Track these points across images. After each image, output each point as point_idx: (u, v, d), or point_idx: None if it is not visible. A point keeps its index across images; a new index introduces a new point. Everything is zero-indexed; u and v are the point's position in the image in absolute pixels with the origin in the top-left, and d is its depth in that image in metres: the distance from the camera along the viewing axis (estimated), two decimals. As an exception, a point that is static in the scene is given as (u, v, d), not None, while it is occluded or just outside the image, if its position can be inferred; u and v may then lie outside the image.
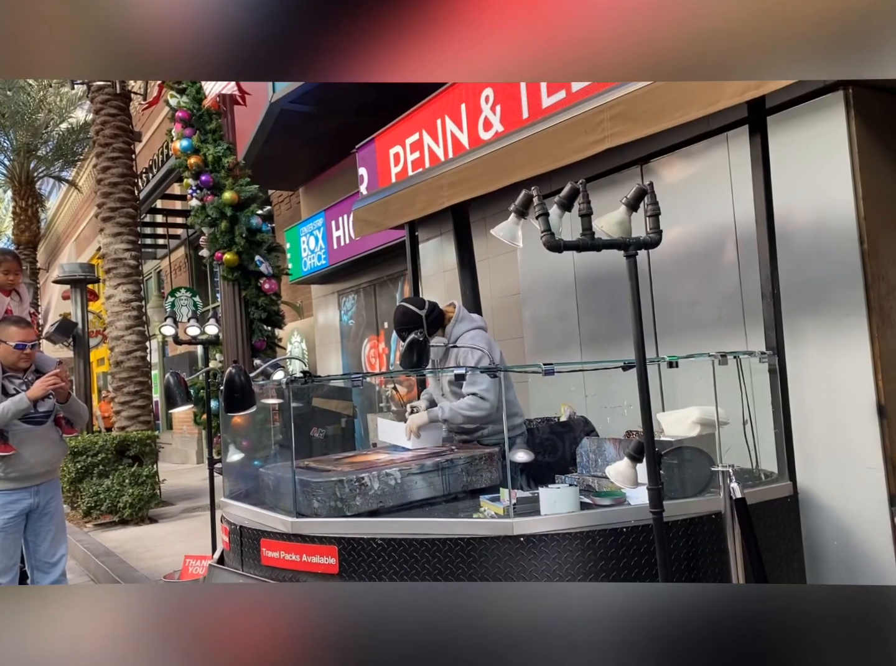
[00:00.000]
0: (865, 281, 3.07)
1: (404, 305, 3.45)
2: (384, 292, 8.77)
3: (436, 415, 3.31)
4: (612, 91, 3.17)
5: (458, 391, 3.38)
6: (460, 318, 3.48)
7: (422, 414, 3.32)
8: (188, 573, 4.04)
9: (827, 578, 3.25)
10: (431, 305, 3.45)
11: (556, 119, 3.45)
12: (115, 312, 8.60)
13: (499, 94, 4.47)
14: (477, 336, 3.41)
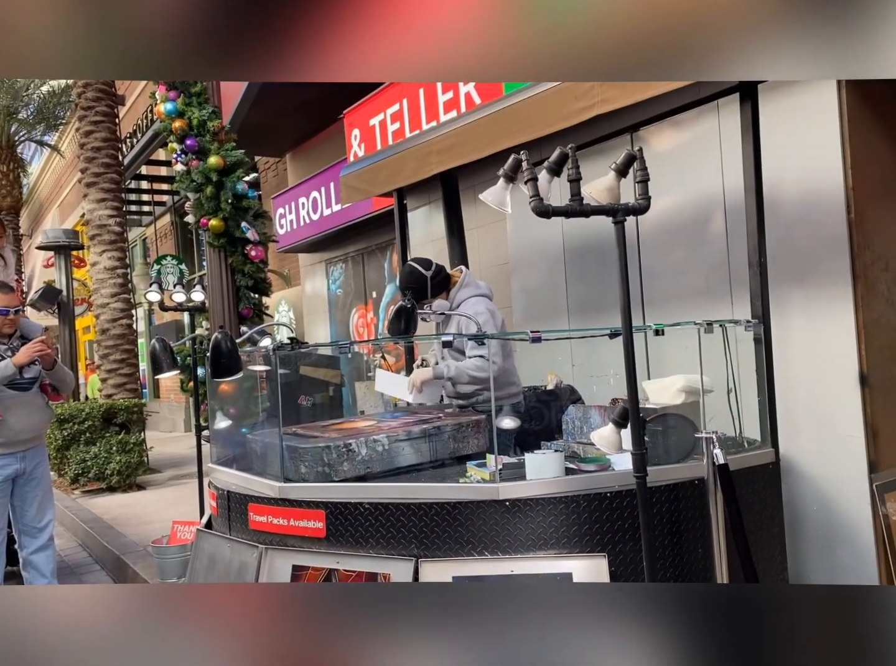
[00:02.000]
0: (851, 250, 3.08)
1: (411, 265, 3.44)
2: (372, 261, 8.73)
3: (441, 372, 3.30)
4: (603, 56, 3.12)
5: (458, 355, 3.38)
6: (465, 284, 3.47)
7: (427, 370, 3.32)
8: (176, 538, 4.06)
9: (806, 542, 3.31)
10: (438, 268, 3.44)
11: (547, 85, 3.41)
12: (100, 280, 8.51)
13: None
14: (479, 303, 3.40)
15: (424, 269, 3.40)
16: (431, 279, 3.38)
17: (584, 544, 2.43)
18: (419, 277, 3.38)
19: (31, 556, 3.85)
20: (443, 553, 2.49)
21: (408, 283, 3.40)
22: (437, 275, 3.42)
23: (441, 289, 3.44)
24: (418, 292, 3.37)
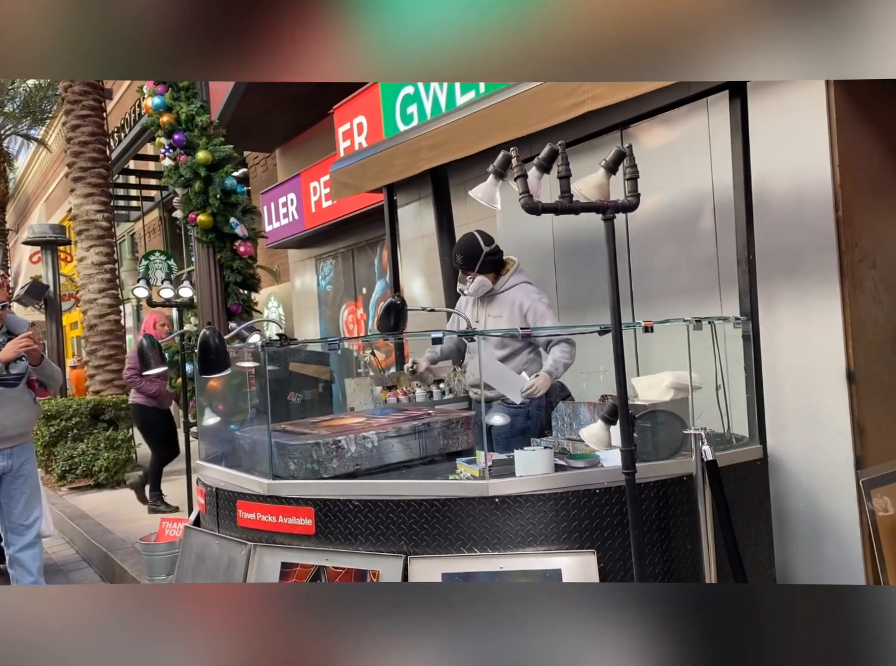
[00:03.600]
0: (839, 248, 3.10)
1: (473, 234, 3.43)
2: (362, 257, 8.71)
3: (554, 373, 3.24)
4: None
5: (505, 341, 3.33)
6: (519, 270, 3.49)
7: (546, 376, 3.20)
8: (164, 536, 4.04)
9: (793, 538, 3.34)
10: (497, 248, 3.44)
11: (537, 81, 3.41)
12: (87, 275, 8.44)
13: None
14: (537, 290, 3.44)
15: (485, 243, 3.39)
16: (486, 255, 3.36)
17: (573, 541, 2.44)
18: (475, 248, 3.36)
19: (17, 553, 3.81)
20: (432, 550, 2.49)
21: (462, 249, 3.40)
22: (494, 254, 3.41)
23: (490, 268, 3.41)
24: (468, 261, 3.36)
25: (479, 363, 3.07)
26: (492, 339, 3.36)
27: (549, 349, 3.33)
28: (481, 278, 3.40)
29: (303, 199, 8.35)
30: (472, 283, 3.41)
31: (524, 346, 3.39)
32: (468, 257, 3.38)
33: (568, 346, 3.27)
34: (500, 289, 3.45)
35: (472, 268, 3.39)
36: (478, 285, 3.40)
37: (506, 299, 3.42)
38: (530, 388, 3.12)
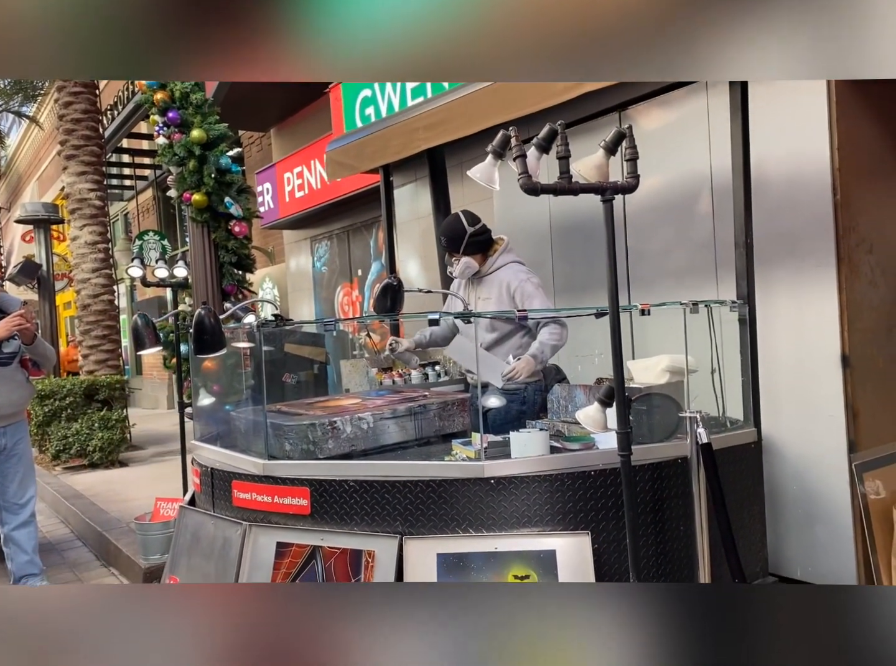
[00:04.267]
0: (836, 232, 3.09)
1: (458, 214, 3.36)
2: (358, 239, 8.67)
3: (538, 357, 3.15)
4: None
5: (495, 324, 3.26)
6: (508, 250, 3.39)
7: (529, 360, 3.12)
8: (159, 515, 4.05)
9: (785, 520, 3.36)
10: (483, 228, 3.33)
11: (536, 61, 3.38)
12: (80, 255, 8.39)
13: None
14: (526, 269, 3.35)
15: (468, 223, 3.29)
16: (471, 236, 3.26)
17: (567, 522, 2.45)
18: (459, 229, 3.27)
19: (12, 532, 3.82)
20: (427, 530, 2.50)
21: (445, 232, 3.32)
22: (479, 234, 3.30)
23: (477, 250, 3.31)
24: (452, 242, 3.28)
25: (469, 347, 3.05)
26: (482, 322, 3.28)
27: (538, 331, 3.26)
28: (466, 260, 3.32)
29: (298, 179, 8.29)
30: (458, 266, 3.33)
31: (515, 329, 3.31)
32: (452, 239, 3.30)
33: (557, 327, 3.19)
34: (489, 270, 3.37)
35: (456, 249, 3.31)
36: (463, 267, 3.33)
37: (494, 281, 3.34)
38: (511, 371, 3.06)
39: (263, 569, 2.63)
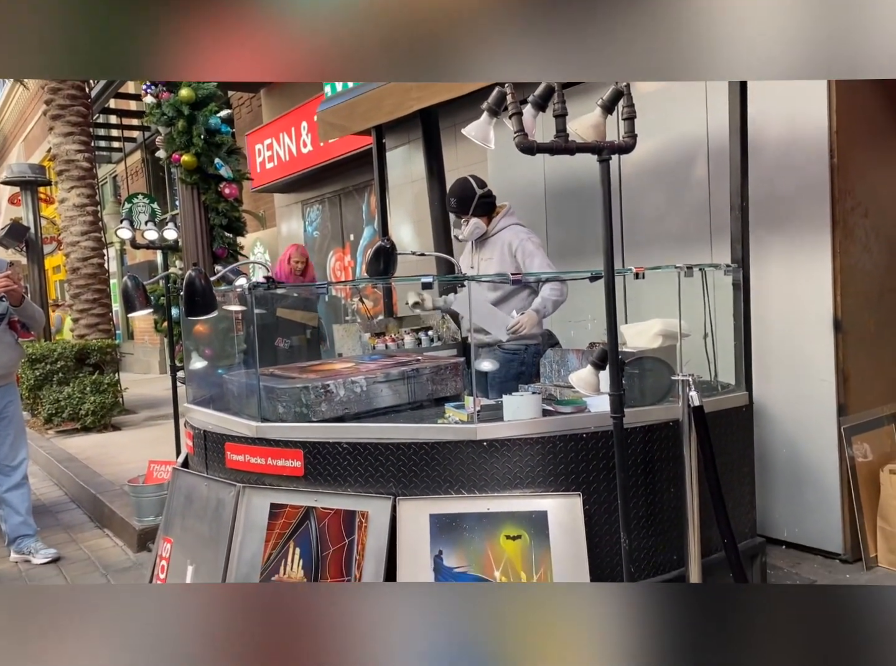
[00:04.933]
0: (832, 195, 3.07)
1: (466, 178, 3.47)
2: (350, 203, 8.58)
3: (541, 310, 3.26)
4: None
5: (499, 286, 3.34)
6: (510, 213, 3.49)
7: (532, 313, 3.22)
8: (152, 478, 4.06)
9: (774, 482, 3.40)
10: (489, 191, 3.45)
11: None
12: (69, 217, 8.27)
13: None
14: (527, 230, 3.44)
15: (478, 185, 3.42)
16: (480, 197, 3.38)
17: (559, 483, 2.47)
18: (469, 190, 3.39)
19: (5, 494, 3.83)
20: (420, 491, 2.51)
21: (457, 192, 3.42)
22: (487, 197, 3.43)
23: (483, 211, 3.43)
24: (462, 204, 3.39)
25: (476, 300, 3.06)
26: (484, 284, 3.36)
27: (540, 287, 3.34)
28: (475, 221, 3.42)
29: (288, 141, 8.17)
30: (467, 227, 3.43)
31: (518, 288, 3.40)
32: (462, 200, 3.39)
33: (558, 283, 3.29)
34: (492, 232, 3.46)
35: (466, 211, 3.41)
36: (472, 228, 3.42)
37: (496, 242, 3.43)
38: (516, 324, 3.14)
39: (257, 530, 2.65)
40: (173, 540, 2.95)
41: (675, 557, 2.59)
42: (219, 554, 2.66)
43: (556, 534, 2.38)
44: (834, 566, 3.24)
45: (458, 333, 4.28)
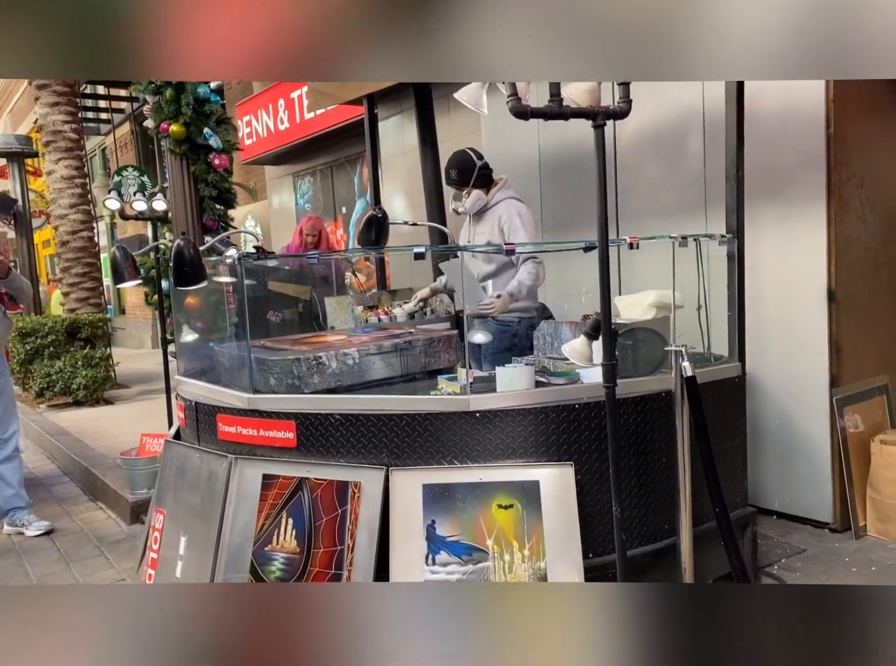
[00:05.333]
0: (828, 165, 3.05)
1: (466, 150, 3.47)
2: (342, 175, 8.50)
3: (514, 294, 3.26)
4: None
5: (491, 256, 3.34)
6: (506, 186, 3.48)
7: (506, 297, 3.25)
8: (145, 451, 4.06)
9: (766, 453, 3.42)
10: (487, 164, 3.45)
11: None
12: (57, 190, 8.17)
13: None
14: (520, 205, 3.41)
15: (477, 157, 3.42)
16: (479, 169, 3.38)
17: (551, 454, 2.47)
18: (469, 162, 3.39)
19: (-3, 467, 3.82)
20: (413, 462, 2.51)
21: (456, 164, 3.41)
22: (485, 168, 3.43)
23: (482, 184, 3.43)
24: (463, 175, 3.39)
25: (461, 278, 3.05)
26: (479, 255, 3.36)
27: (518, 268, 3.32)
28: (477, 192, 3.40)
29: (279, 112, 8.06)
30: (469, 199, 3.41)
31: (509, 264, 3.39)
32: (462, 172, 3.38)
33: (533, 265, 3.28)
34: (488, 206, 3.45)
35: (466, 182, 3.40)
36: (474, 200, 3.40)
37: (492, 215, 3.42)
38: (486, 305, 3.16)
39: (250, 500, 2.65)
40: (166, 511, 2.95)
41: (666, 527, 2.61)
42: (211, 525, 2.66)
43: (549, 503, 2.39)
44: (823, 536, 3.27)
45: (451, 305, 4.27)
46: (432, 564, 2.36)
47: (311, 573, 2.47)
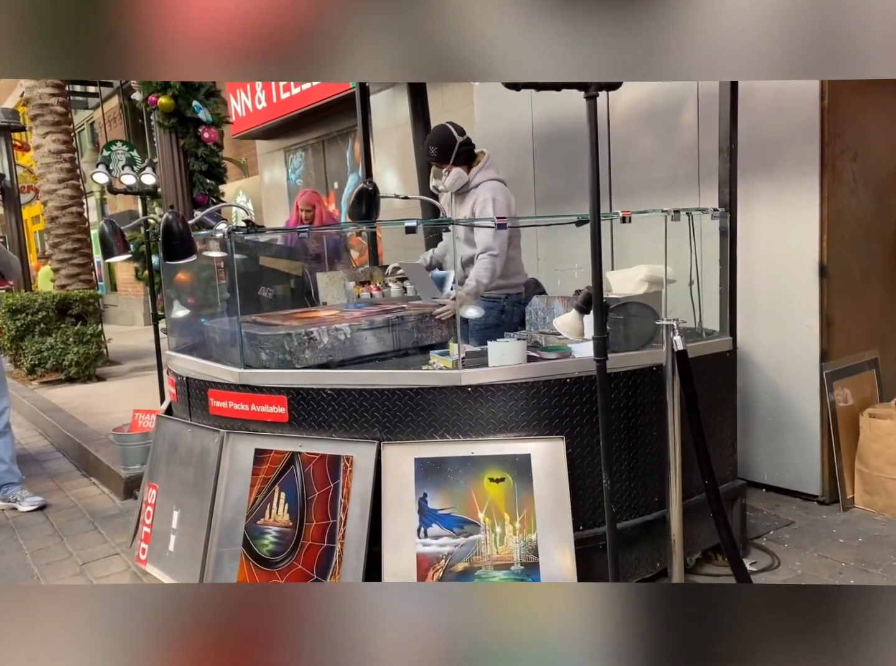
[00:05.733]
0: (822, 139, 3.03)
1: (445, 125, 3.34)
2: (333, 150, 8.42)
3: (472, 291, 3.17)
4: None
5: (471, 237, 3.26)
6: (488, 165, 3.35)
7: (462, 298, 3.15)
8: (137, 427, 4.06)
9: (756, 427, 3.45)
10: (469, 139, 3.33)
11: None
12: (45, 164, 8.07)
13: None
14: (497, 188, 3.29)
15: (458, 133, 3.29)
16: (460, 145, 3.26)
17: (542, 428, 2.48)
18: (449, 138, 3.26)
19: (-12, 443, 3.82)
20: (405, 437, 2.52)
21: (436, 141, 3.30)
22: (466, 144, 3.30)
23: (464, 160, 3.31)
24: (443, 152, 3.26)
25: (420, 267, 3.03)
26: (462, 237, 3.28)
27: (476, 258, 3.22)
28: (457, 171, 3.28)
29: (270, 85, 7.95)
30: (449, 177, 3.29)
31: None
32: (442, 148, 3.25)
33: (489, 260, 3.15)
34: (470, 186, 3.33)
35: (446, 160, 3.27)
36: (454, 178, 3.29)
37: (471, 197, 3.31)
38: (441, 312, 3.11)
39: (242, 475, 2.65)
40: (158, 486, 2.95)
41: (656, 499, 2.63)
42: (204, 499, 2.67)
43: (540, 476, 2.40)
44: (812, 508, 3.30)
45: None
46: (424, 537, 2.38)
47: (304, 546, 2.49)
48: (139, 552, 2.93)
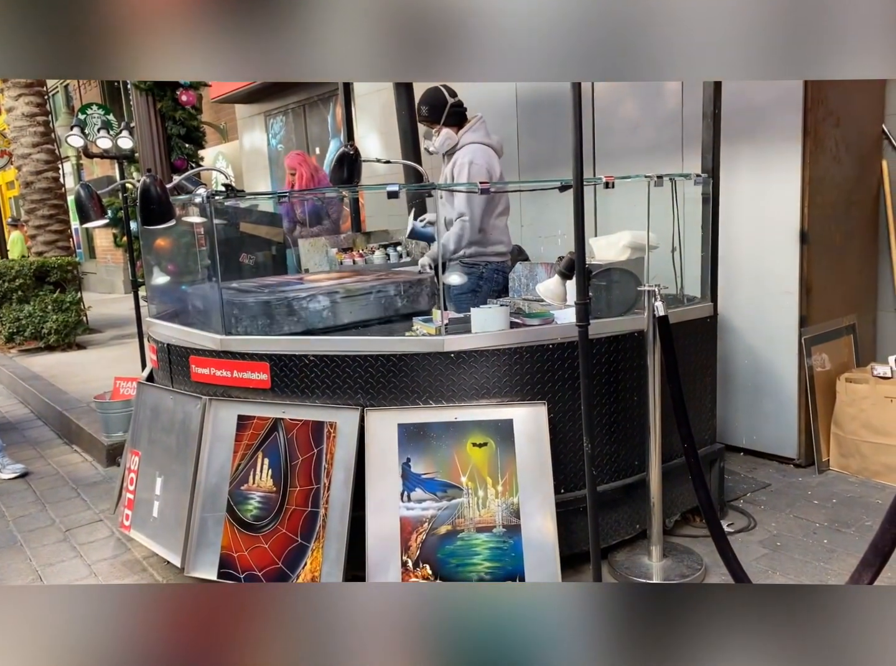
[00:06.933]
0: (805, 104, 3.03)
1: (439, 86, 3.36)
2: (315, 114, 8.28)
3: (448, 251, 3.24)
4: None
5: (452, 200, 3.27)
6: (475, 128, 3.34)
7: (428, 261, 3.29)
8: (119, 394, 4.04)
9: (735, 392, 3.49)
10: (460, 102, 3.34)
11: None
12: (18, 128, 7.87)
13: None
14: (478, 151, 3.26)
15: (449, 95, 3.31)
16: (451, 107, 3.28)
17: (525, 393, 2.49)
18: (440, 99, 3.28)
19: (-33, 411, 3.78)
20: (388, 403, 2.53)
21: (428, 101, 3.31)
22: (458, 106, 3.32)
23: (455, 121, 3.32)
24: (433, 112, 3.29)
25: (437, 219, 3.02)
26: (446, 200, 3.28)
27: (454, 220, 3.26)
28: (447, 131, 3.30)
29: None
30: (438, 138, 3.31)
31: None
32: (434, 108, 3.27)
33: (460, 226, 3.20)
34: (458, 146, 3.33)
35: (437, 120, 3.29)
36: (443, 139, 3.30)
37: (456, 159, 3.31)
38: None
39: (225, 441, 2.65)
40: (141, 453, 2.95)
41: (636, 463, 2.67)
42: (187, 465, 2.67)
43: (522, 441, 2.42)
44: (788, 471, 3.37)
45: (426, 248, 4.23)
46: (408, 501, 2.40)
47: (288, 511, 2.50)
48: (123, 518, 2.94)
